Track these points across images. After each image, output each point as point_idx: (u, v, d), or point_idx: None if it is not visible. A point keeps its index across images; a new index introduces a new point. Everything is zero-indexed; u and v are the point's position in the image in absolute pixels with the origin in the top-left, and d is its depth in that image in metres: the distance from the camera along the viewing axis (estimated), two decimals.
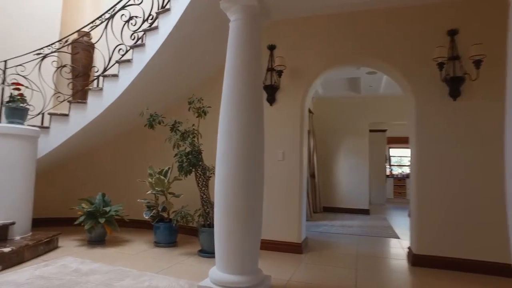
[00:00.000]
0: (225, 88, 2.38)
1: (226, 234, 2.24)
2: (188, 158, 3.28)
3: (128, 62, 3.58)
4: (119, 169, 4.64)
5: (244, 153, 2.27)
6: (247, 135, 2.30)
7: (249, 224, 2.26)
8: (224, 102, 2.37)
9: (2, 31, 4.16)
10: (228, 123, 2.33)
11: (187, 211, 3.49)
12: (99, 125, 3.82)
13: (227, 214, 2.25)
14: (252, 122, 2.33)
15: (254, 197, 2.30)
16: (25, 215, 3.26)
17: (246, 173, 2.26)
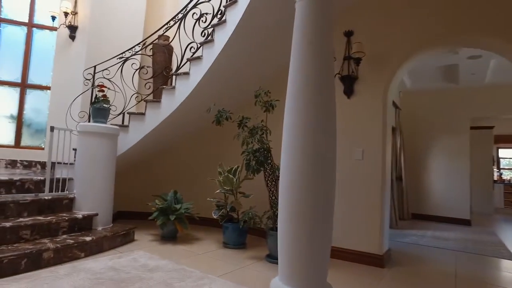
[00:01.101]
0: (290, 74, 2.11)
1: (289, 240, 1.97)
2: (255, 156, 3.09)
3: (198, 59, 3.56)
4: (192, 166, 4.71)
5: (312, 149, 1.97)
6: (315, 129, 1.99)
7: (316, 230, 1.94)
8: (289, 91, 2.10)
9: (97, 40, 4.56)
10: (293, 115, 2.04)
11: (255, 212, 3.30)
12: (172, 123, 3.90)
13: (291, 218, 1.97)
14: (322, 114, 2.01)
15: (324, 200, 1.98)
16: (106, 207, 3.46)
17: (313, 172, 1.96)
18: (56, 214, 3.10)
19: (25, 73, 4.82)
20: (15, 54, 4.82)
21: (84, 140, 3.39)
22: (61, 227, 2.96)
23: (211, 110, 3.27)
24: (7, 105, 4.79)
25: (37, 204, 3.00)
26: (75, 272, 2.48)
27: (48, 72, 4.63)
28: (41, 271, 2.46)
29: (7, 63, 4.82)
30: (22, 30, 4.85)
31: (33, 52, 4.86)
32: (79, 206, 3.31)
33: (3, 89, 4.78)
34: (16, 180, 3.08)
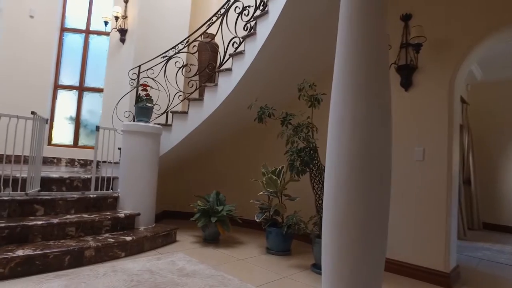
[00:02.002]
0: (337, 64, 1.84)
1: (334, 249, 1.70)
2: (300, 155, 2.84)
3: (241, 54, 3.41)
4: (236, 167, 4.58)
5: (361, 148, 1.68)
6: (366, 125, 1.70)
7: (367, 241, 1.65)
8: (335, 83, 1.83)
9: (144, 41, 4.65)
10: (340, 109, 1.78)
11: (299, 217, 3.05)
12: (215, 122, 3.79)
13: (336, 224, 1.71)
14: (374, 109, 1.71)
15: (376, 205, 1.68)
16: (149, 207, 3.45)
17: (363, 173, 1.67)
18: (100, 212, 3.14)
19: (82, 77, 5.09)
20: (75, 60, 5.11)
21: (127, 139, 3.41)
22: (104, 225, 2.98)
23: (252, 106, 3.08)
24: (67, 108, 5.09)
25: (83, 202, 3.06)
26: (113, 272, 2.44)
27: (101, 75, 4.82)
28: (82, 269, 2.46)
29: (68, 68, 5.13)
30: (81, 37, 5.13)
31: (89, 57, 5.11)
32: (123, 205, 3.33)
33: (65, 93, 5.09)
34: (66, 178, 3.18)
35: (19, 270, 2.27)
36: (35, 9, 4.85)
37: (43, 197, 2.82)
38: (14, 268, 2.26)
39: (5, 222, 2.51)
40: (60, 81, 5.07)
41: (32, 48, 4.80)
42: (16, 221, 2.55)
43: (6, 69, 4.63)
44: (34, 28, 4.83)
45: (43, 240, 2.60)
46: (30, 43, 4.79)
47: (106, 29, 4.77)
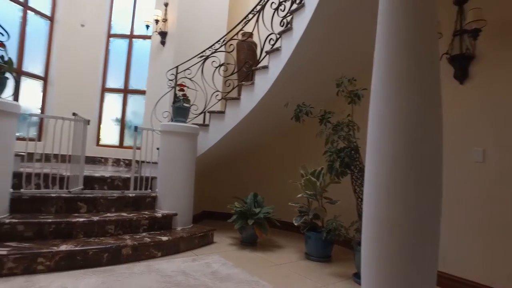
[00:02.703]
0: (377, 53, 1.65)
1: (374, 261, 1.52)
2: (339, 156, 2.65)
3: (277, 51, 3.29)
4: (274, 167, 4.46)
5: (406, 148, 1.49)
6: (411, 122, 1.50)
7: (412, 251, 1.45)
8: (376, 75, 1.65)
9: (182, 43, 4.71)
10: (381, 104, 1.59)
11: (340, 222, 2.85)
12: (252, 122, 3.70)
13: (376, 233, 1.52)
14: (421, 103, 1.51)
15: (423, 210, 1.47)
16: (186, 207, 3.44)
17: (409, 176, 1.47)
18: (139, 211, 3.19)
19: (127, 80, 5.28)
20: (120, 63, 5.32)
21: (165, 139, 3.44)
22: (141, 224, 3.01)
23: (289, 104, 2.94)
24: (114, 110, 5.31)
25: (122, 201, 3.13)
26: (148, 272, 2.44)
27: (144, 77, 4.96)
28: (119, 267, 2.50)
29: (114, 72, 5.36)
30: (125, 41, 5.34)
31: (132, 60, 5.29)
32: (160, 205, 3.36)
33: (111, 96, 5.32)
34: (107, 177, 3.27)
35: (63, 264, 2.35)
36: (86, 18, 5.13)
37: (85, 195, 2.92)
38: (59, 262, 2.34)
39: (52, 217, 2.63)
40: (107, 84, 5.31)
41: (82, 54, 5.07)
42: (61, 217, 2.66)
43: (61, 74, 4.93)
44: (84, 35, 5.10)
45: (85, 237, 2.68)
46: (81, 50, 5.07)
47: (148, 33, 4.90)
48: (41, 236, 2.54)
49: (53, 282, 2.15)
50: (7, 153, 2.60)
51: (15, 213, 2.65)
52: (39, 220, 2.54)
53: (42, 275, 2.25)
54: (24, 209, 2.70)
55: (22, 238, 2.49)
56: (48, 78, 4.86)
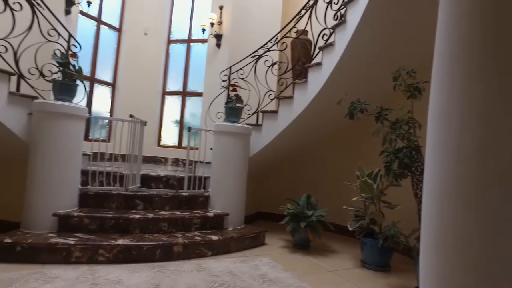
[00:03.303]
0: (439, 34, 1.44)
1: (434, 277, 1.32)
2: (397, 156, 2.40)
3: (331, 46, 3.13)
4: (329, 168, 4.26)
5: (474, 146, 1.26)
6: (482, 116, 1.27)
7: (482, 267, 1.22)
8: (437, 60, 1.44)
9: (237, 44, 4.75)
10: (442, 97, 1.39)
11: (398, 229, 2.59)
12: (305, 121, 3.58)
13: (437, 245, 1.32)
14: (492, 93, 1.27)
15: (498, 220, 1.23)
16: (238, 208, 3.44)
17: (477, 178, 1.25)
18: (192, 210, 3.27)
19: (185, 83, 5.51)
20: (179, 67, 5.58)
21: (218, 139, 3.48)
22: (193, 223, 3.07)
23: (342, 101, 2.77)
24: (173, 112, 5.58)
25: (176, 200, 3.23)
26: (197, 270, 2.47)
27: (201, 80, 5.12)
28: (170, 263, 2.57)
29: (174, 76, 5.63)
30: (183, 46, 5.58)
31: (190, 64, 5.50)
32: (213, 205, 3.40)
33: (171, 98, 5.60)
34: (163, 176, 3.41)
35: (120, 257, 2.50)
36: (148, 27, 5.48)
37: (142, 193, 3.08)
38: (116, 254, 2.49)
39: (113, 213, 2.82)
40: (167, 87, 5.59)
41: (145, 60, 5.43)
42: (120, 213, 2.83)
43: (126, 80, 5.34)
44: (147, 43, 5.45)
45: (140, 232, 2.81)
46: (144, 56, 5.43)
47: (204, 36, 5.05)
48: (102, 230, 2.73)
49: (111, 273, 2.28)
50: (76, 153, 2.85)
51: (82, 207, 2.90)
52: (101, 215, 2.73)
53: (102, 266, 2.41)
54: (90, 204, 2.93)
55: (87, 230, 2.70)
56: (116, 84, 5.29)
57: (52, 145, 2.67)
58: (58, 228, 2.67)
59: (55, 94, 2.78)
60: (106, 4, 5.10)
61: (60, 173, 2.69)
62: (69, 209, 2.75)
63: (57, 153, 2.68)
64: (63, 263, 2.39)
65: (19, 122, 2.75)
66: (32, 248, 2.38)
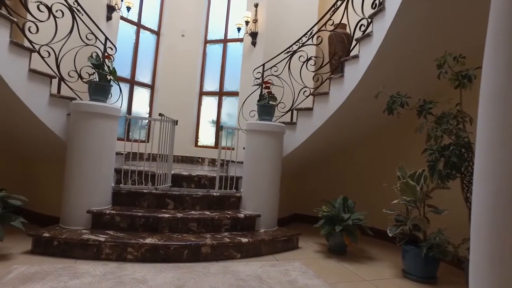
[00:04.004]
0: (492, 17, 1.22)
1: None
2: (443, 155, 2.13)
3: (368, 36, 2.90)
4: (367, 169, 3.98)
5: None
6: None
7: None
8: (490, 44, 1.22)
9: (272, 41, 4.64)
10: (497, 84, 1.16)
11: (445, 237, 2.30)
12: (342, 118, 3.36)
13: (493, 255, 1.10)
14: None
15: None
16: (270, 209, 3.32)
17: None
18: (222, 211, 3.21)
19: (221, 82, 5.51)
20: (215, 67, 5.60)
21: (250, 138, 3.39)
22: (223, 224, 3.01)
23: (380, 95, 2.53)
24: (210, 112, 5.61)
25: (207, 200, 3.19)
26: (223, 273, 2.39)
27: (237, 79, 5.08)
28: (197, 264, 2.52)
29: (210, 76, 5.66)
30: (220, 46, 5.59)
31: (227, 63, 5.49)
32: (244, 206, 3.32)
33: (208, 98, 5.64)
34: (194, 176, 3.40)
35: (148, 256, 2.50)
36: (185, 28, 5.56)
37: (172, 193, 3.08)
38: (144, 253, 2.50)
39: (143, 212, 2.84)
40: (204, 88, 5.63)
41: (183, 61, 5.52)
42: (150, 212, 2.84)
43: (164, 81, 5.46)
44: (184, 44, 5.54)
45: (169, 232, 2.80)
46: (182, 57, 5.52)
47: (239, 35, 5.01)
48: (133, 228, 2.76)
49: (136, 272, 2.28)
50: (110, 152, 2.93)
51: (115, 205, 2.96)
52: (131, 213, 2.76)
53: (130, 264, 2.42)
54: (123, 202, 2.99)
55: (118, 228, 2.75)
56: (155, 85, 5.43)
57: (86, 144, 2.76)
58: (92, 225, 2.75)
59: (90, 95, 2.88)
60: (145, 8, 5.26)
61: (93, 172, 2.77)
62: (102, 207, 2.83)
63: (91, 151, 2.77)
64: (94, 259, 2.45)
65: (59, 122, 2.88)
66: (66, 243, 2.47)
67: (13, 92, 2.51)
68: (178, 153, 5.42)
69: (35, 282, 2.02)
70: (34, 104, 2.67)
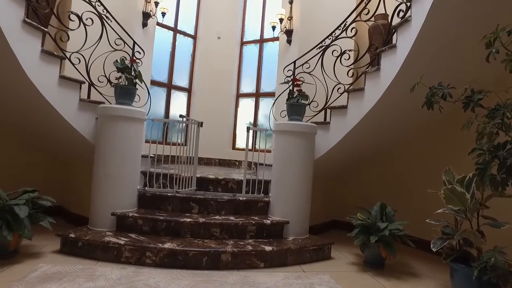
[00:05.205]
0: None
1: None
2: (496, 155, 1.75)
3: (406, 22, 2.58)
4: (409, 172, 3.57)
5: None
6: None
7: None
8: None
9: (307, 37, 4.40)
10: None
11: (504, 259, 1.89)
12: (379, 115, 3.04)
13: None
14: None
15: None
16: (300, 215, 3.09)
17: None
18: (248, 216, 3.05)
19: (258, 83, 5.39)
20: (251, 69, 5.51)
21: (278, 139, 3.21)
22: (248, 230, 2.85)
23: (416, 87, 2.19)
24: (247, 114, 5.51)
25: (233, 204, 3.06)
26: (241, 284, 2.23)
27: (274, 80, 4.92)
28: (215, 273, 2.39)
29: (247, 77, 5.58)
30: (256, 46, 5.47)
31: (263, 63, 5.36)
32: (272, 211, 3.13)
33: (245, 100, 5.55)
34: (221, 179, 3.29)
35: (166, 261, 2.44)
36: (221, 31, 5.54)
37: (197, 196, 3.00)
38: (163, 258, 2.44)
39: (165, 216, 2.79)
40: (241, 90, 5.55)
41: (219, 64, 5.50)
42: (172, 216, 2.79)
43: (201, 84, 5.48)
44: (220, 47, 5.52)
45: (191, 237, 2.72)
46: (218, 60, 5.51)
47: (274, 34, 4.85)
48: (155, 232, 2.72)
49: (151, 278, 2.21)
50: (135, 155, 2.94)
51: (141, 208, 2.96)
52: (153, 217, 2.73)
53: (147, 269, 2.37)
54: (148, 205, 2.99)
55: (141, 231, 2.73)
56: (192, 89, 5.47)
57: (111, 147, 2.80)
58: (116, 227, 2.77)
59: (116, 99, 2.92)
60: (181, 13, 5.33)
61: (118, 174, 2.80)
62: (127, 209, 2.84)
63: (116, 154, 2.80)
64: (114, 261, 2.44)
65: (88, 126, 2.96)
66: (89, 244, 2.50)
67: (44, 98, 2.63)
68: (215, 156, 5.40)
69: (52, 282, 2.04)
70: (64, 109, 2.77)
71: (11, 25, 2.30)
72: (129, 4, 4.32)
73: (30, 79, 2.48)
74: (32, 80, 2.50)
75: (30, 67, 2.47)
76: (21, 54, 2.39)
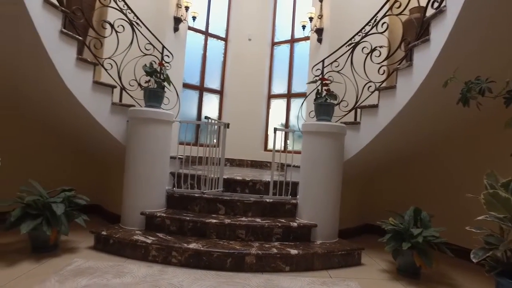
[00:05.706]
0: None
1: None
2: None
3: (441, 13, 2.40)
4: (447, 175, 3.31)
5: None
6: None
7: None
8: None
9: (337, 35, 4.27)
10: None
11: None
12: (412, 114, 2.86)
13: None
14: None
15: None
16: (329, 219, 2.99)
17: None
18: (275, 218, 3.00)
19: (289, 84, 5.32)
20: (283, 69, 5.45)
21: (306, 140, 3.14)
22: (274, 233, 2.80)
23: (448, 83, 2.02)
24: (279, 115, 5.46)
25: (259, 206, 3.03)
26: (264, 287, 2.19)
27: (305, 80, 4.83)
28: (239, 275, 2.38)
29: (278, 78, 5.53)
30: (287, 47, 5.41)
31: (294, 63, 5.29)
32: (300, 214, 3.06)
33: (276, 101, 5.50)
34: (248, 181, 3.27)
35: (191, 262, 2.47)
36: (252, 33, 5.54)
37: (223, 197, 3.01)
38: (188, 258, 2.47)
39: (192, 216, 2.83)
40: (272, 91, 5.51)
41: (250, 65, 5.50)
42: (198, 217, 2.82)
43: (233, 86, 5.52)
44: (251, 48, 5.53)
45: (216, 238, 2.73)
46: (249, 62, 5.51)
47: (305, 33, 4.76)
48: (181, 232, 2.77)
49: (175, 277, 2.25)
50: (164, 156, 3.02)
51: (169, 208, 3.03)
52: (180, 217, 2.78)
53: (172, 268, 2.42)
54: (176, 206, 3.05)
55: (168, 231, 2.79)
56: (223, 91, 5.53)
57: (140, 148, 2.89)
58: (145, 226, 2.85)
59: (145, 101, 3.02)
60: (212, 17, 5.40)
61: (147, 175, 2.88)
62: (156, 209, 2.91)
63: (145, 155, 2.89)
64: (142, 260, 2.52)
65: (120, 129, 3.09)
66: (119, 242, 2.60)
67: (79, 102, 2.78)
68: (247, 157, 5.41)
69: (84, 276, 2.15)
70: (98, 112, 2.91)
71: (50, 35, 2.46)
72: (161, 10, 4.47)
73: (66, 85, 2.64)
74: (68, 86, 2.66)
75: (67, 74, 2.63)
76: (58, 62, 2.55)
